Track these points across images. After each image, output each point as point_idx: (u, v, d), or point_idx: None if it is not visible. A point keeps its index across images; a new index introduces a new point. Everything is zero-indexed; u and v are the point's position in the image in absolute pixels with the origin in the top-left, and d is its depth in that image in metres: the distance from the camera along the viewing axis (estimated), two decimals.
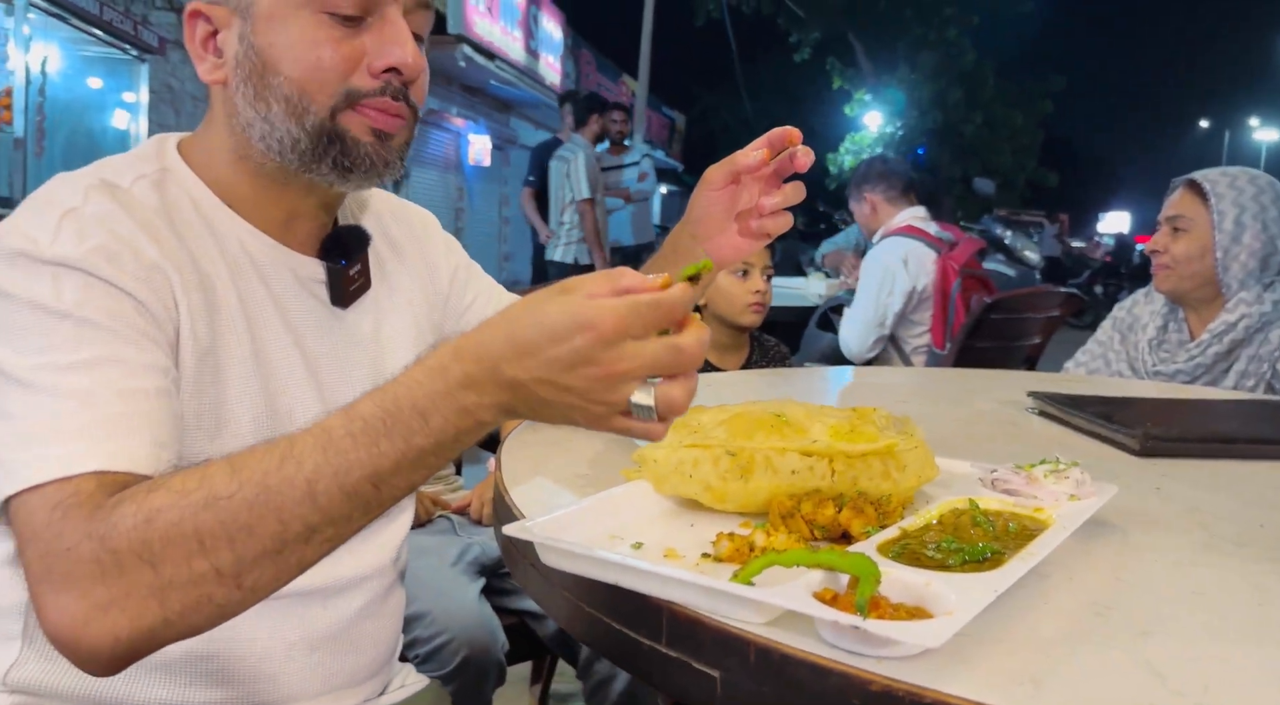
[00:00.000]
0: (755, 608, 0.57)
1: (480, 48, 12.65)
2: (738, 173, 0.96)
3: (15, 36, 5.13)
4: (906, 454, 0.80)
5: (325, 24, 0.77)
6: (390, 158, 0.82)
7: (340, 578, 0.87)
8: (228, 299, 0.80)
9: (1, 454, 0.65)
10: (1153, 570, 0.68)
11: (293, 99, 0.78)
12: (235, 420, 0.79)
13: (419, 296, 0.99)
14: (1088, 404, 1.16)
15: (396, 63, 0.78)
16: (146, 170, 0.81)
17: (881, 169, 3.20)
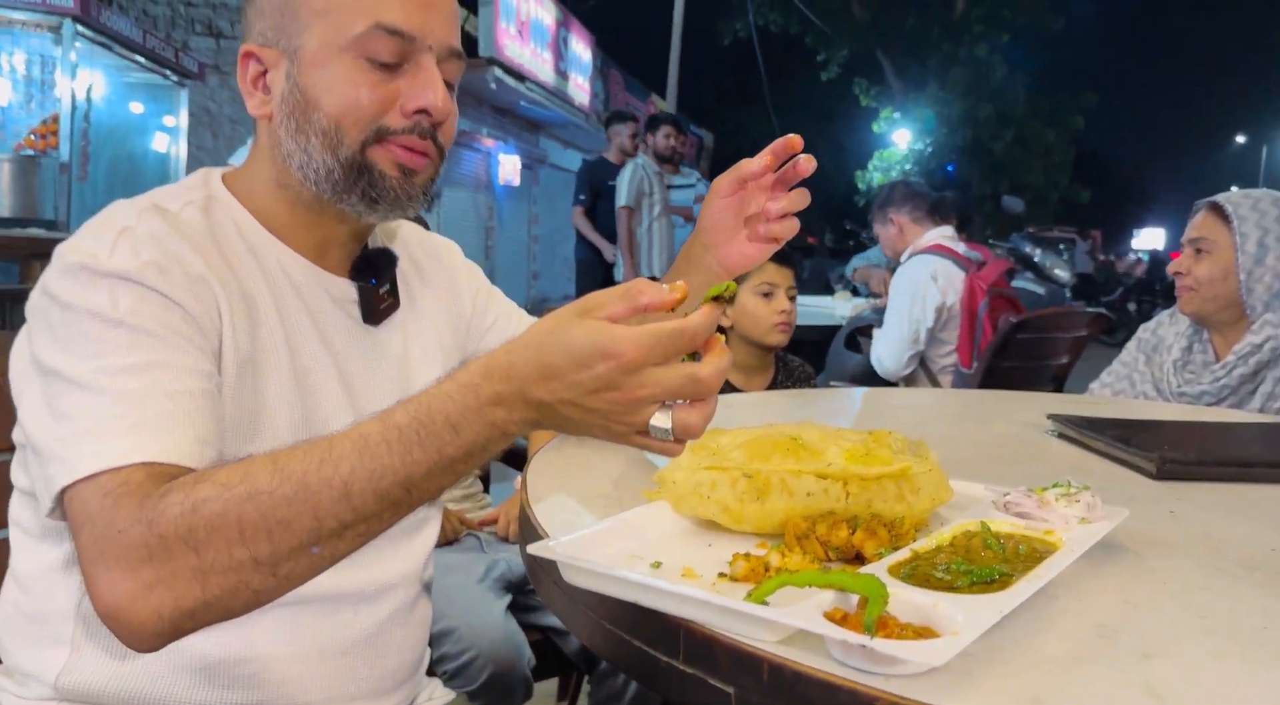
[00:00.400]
0: (768, 627, 0.59)
1: (510, 70, 12.81)
2: (743, 179, 1.03)
3: (62, 64, 5.29)
4: (920, 477, 0.82)
5: (364, 68, 0.84)
6: (413, 193, 0.88)
7: (371, 584, 0.91)
8: (268, 314, 0.86)
9: (60, 450, 0.71)
10: (1160, 593, 0.70)
11: (329, 132, 0.84)
12: (273, 424, 0.84)
13: (443, 318, 1.04)
14: (1106, 427, 1.17)
15: (427, 105, 0.85)
16: (194, 197, 0.88)
17: (905, 191, 3.23)
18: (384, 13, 0.83)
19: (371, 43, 0.83)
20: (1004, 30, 19.35)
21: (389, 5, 0.84)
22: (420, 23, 0.85)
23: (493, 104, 14.32)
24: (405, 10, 0.84)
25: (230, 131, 10.96)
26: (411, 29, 0.84)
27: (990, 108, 19.26)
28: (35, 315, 0.78)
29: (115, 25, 5.79)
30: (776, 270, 2.01)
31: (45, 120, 5.51)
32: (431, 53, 0.86)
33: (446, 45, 0.88)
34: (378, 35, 0.83)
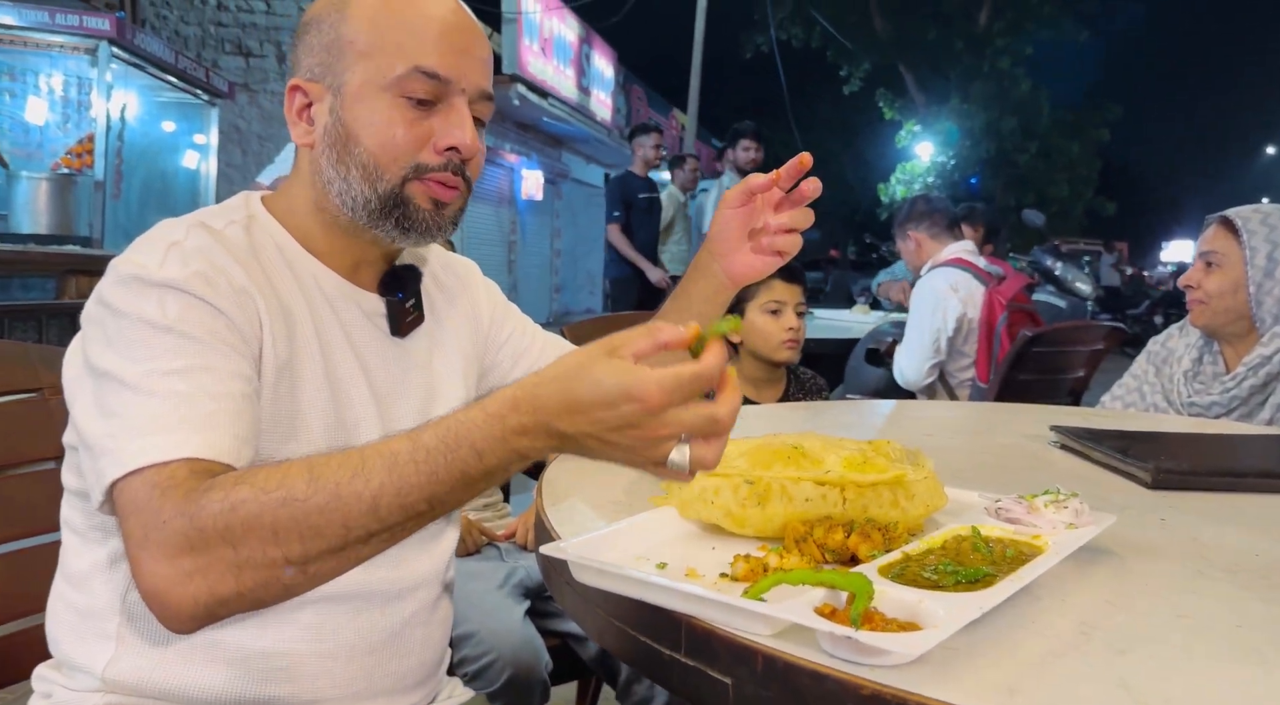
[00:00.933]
0: (763, 621, 0.63)
1: (533, 86, 12.96)
2: (752, 193, 1.08)
3: (98, 85, 5.43)
4: (915, 484, 0.85)
5: (402, 106, 0.91)
6: (443, 223, 0.95)
7: (396, 584, 0.96)
8: (304, 324, 0.92)
9: (110, 444, 0.77)
10: (1141, 595, 0.73)
11: (369, 167, 0.91)
12: (307, 427, 0.90)
13: (465, 332, 1.11)
14: (1106, 438, 1.20)
15: (457, 143, 0.92)
16: (236, 217, 0.94)
17: (924, 207, 3.24)
18: (423, 57, 0.90)
19: (410, 84, 0.90)
20: (1027, 43, 19.30)
21: (428, 50, 0.91)
22: (455, 66, 0.92)
23: (516, 120, 14.47)
24: (442, 55, 0.91)
25: (259, 148, 11.16)
26: (447, 73, 0.91)
27: (1014, 120, 19.19)
28: (90, 323, 0.84)
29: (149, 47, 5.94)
30: (785, 287, 2.05)
31: (81, 140, 5.66)
32: (464, 95, 0.93)
33: (478, 88, 0.94)
34: (416, 77, 0.90)
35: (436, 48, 0.91)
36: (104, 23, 5.51)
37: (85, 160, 5.41)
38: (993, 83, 19.22)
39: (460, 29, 0.94)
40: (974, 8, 19.42)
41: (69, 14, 5.56)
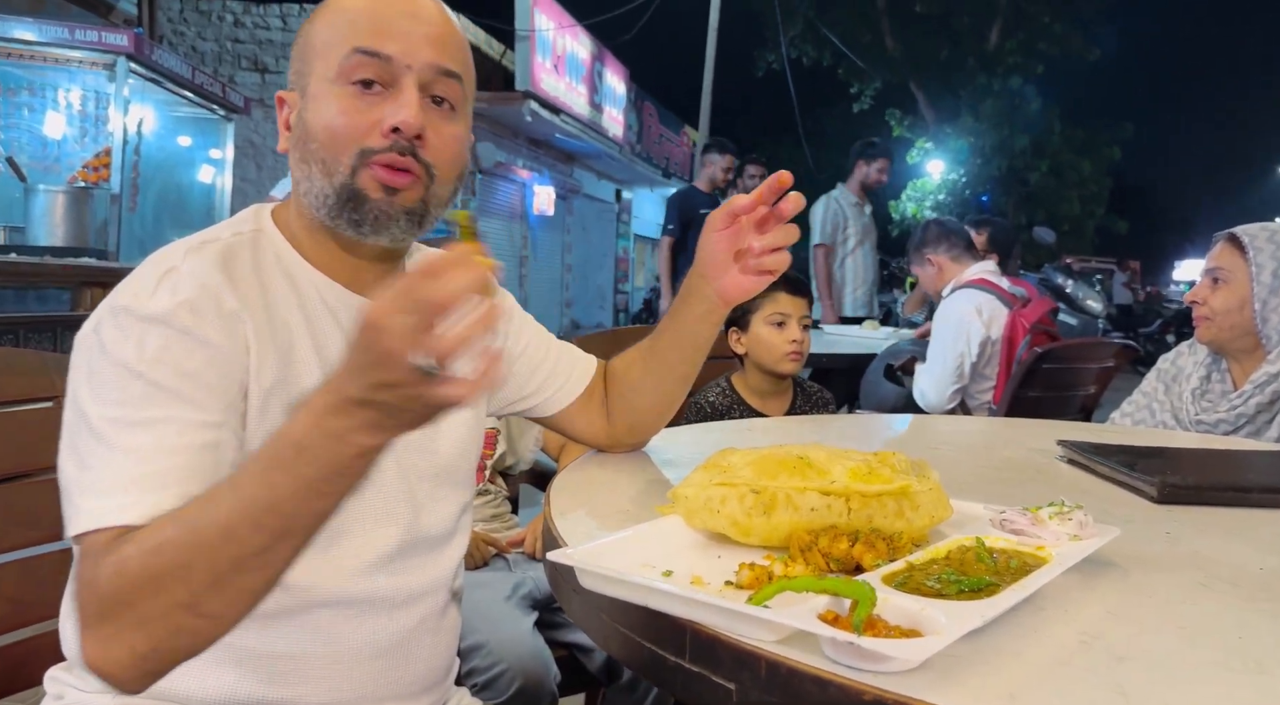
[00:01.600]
0: (767, 627, 0.64)
1: (546, 103, 13.05)
2: (735, 214, 1.07)
3: (116, 100, 5.50)
4: (920, 495, 0.86)
5: (349, 93, 0.90)
6: (395, 213, 0.91)
7: (402, 592, 0.97)
8: (302, 340, 0.91)
9: (74, 497, 0.78)
10: (1143, 606, 0.73)
11: (325, 160, 0.90)
12: None
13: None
14: (1113, 453, 1.21)
15: (398, 121, 0.89)
16: (243, 229, 0.95)
17: (940, 230, 3.20)
18: (361, 37, 0.90)
19: (352, 67, 0.89)
20: (1038, 61, 19.34)
21: (366, 29, 0.90)
22: (395, 42, 0.90)
23: (528, 136, 14.57)
24: (380, 33, 0.90)
25: (274, 163, 11.26)
26: (387, 50, 0.89)
27: (1025, 138, 19.20)
28: (81, 349, 0.85)
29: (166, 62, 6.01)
30: (790, 300, 2.06)
31: (98, 153, 5.73)
32: (411, 72, 0.90)
33: (429, 64, 0.91)
34: (356, 58, 0.89)
35: (374, 26, 0.90)
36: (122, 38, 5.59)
37: (102, 174, 5.47)
38: (1004, 101, 19.24)
39: (406, 14, 0.92)
40: (985, 26, 19.48)
41: (88, 30, 5.64)
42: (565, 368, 1.21)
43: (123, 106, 5.46)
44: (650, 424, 1.24)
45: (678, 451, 1.30)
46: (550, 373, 1.19)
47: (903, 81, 20.55)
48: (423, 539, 0.99)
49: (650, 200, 23.86)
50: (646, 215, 23.99)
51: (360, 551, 0.94)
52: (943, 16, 19.43)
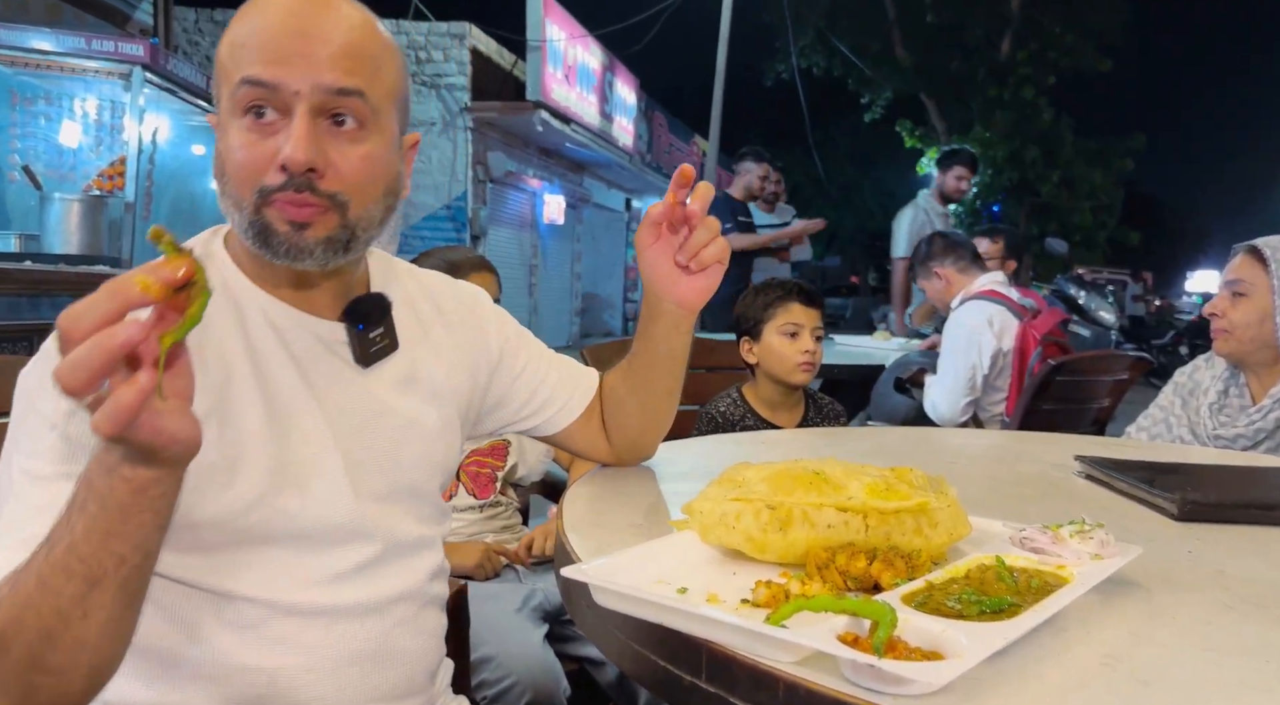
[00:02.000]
0: (785, 648, 0.63)
1: (557, 113, 13.08)
2: (657, 224, 1.06)
3: (131, 109, 5.53)
4: (939, 512, 0.85)
5: (246, 127, 0.85)
6: (307, 246, 0.87)
7: (371, 599, 0.94)
8: (240, 368, 0.89)
9: None
10: (1167, 627, 0.72)
11: (235, 196, 0.87)
12: (248, 471, 0.87)
13: (459, 362, 1.06)
14: (1131, 468, 1.19)
15: (282, 159, 0.84)
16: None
17: (945, 243, 3.18)
18: (248, 66, 0.85)
19: (242, 98, 0.85)
20: (1050, 72, 19.30)
21: (253, 55, 0.85)
22: (279, 70, 0.84)
23: (539, 145, 14.61)
24: (266, 60, 0.84)
25: None
26: (272, 77, 0.84)
27: (1036, 149, 19.14)
28: (19, 390, 0.84)
29: (181, 72, 6.05)
30: (803, 311, 2.05)
31: (113, 162, 5.76)
32: (300, 98, 0.84)
33: (320, 86, 0.85)
34: (245, 89, 0.85)
35: (261, 53, 0.85)
36: (138, 48, 5.62)
37: (116, 182, 5.50)
38: (1015, 112, 19.19)
39: (293, 32, 0.85)
40: (996, 37, 19.45)
41: (104, 40, 5.68)
42: (567, 387, 1.18)
43: (138, 116, 5.49)
44: (646, 441, 1.23)
45: (690, 463, 1.29)
46: (551, 393, 1.17)
47: (913, 92, 20.53)
48: (388, 551, 0.96)
49: None
50: None
51: (322, 566, 0.92)
52: (954, 27, 19.42)
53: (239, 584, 0.88)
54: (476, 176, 12.72)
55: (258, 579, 0.89)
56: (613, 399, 1.19)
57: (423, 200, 12.44)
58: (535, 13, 12.53)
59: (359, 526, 0.94)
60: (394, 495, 0.98)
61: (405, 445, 0.99)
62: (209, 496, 0.85)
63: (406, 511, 0.99)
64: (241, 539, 0.88)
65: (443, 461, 1.05)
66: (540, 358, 1.18)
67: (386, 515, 0.96)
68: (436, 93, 12.34)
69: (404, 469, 0.99)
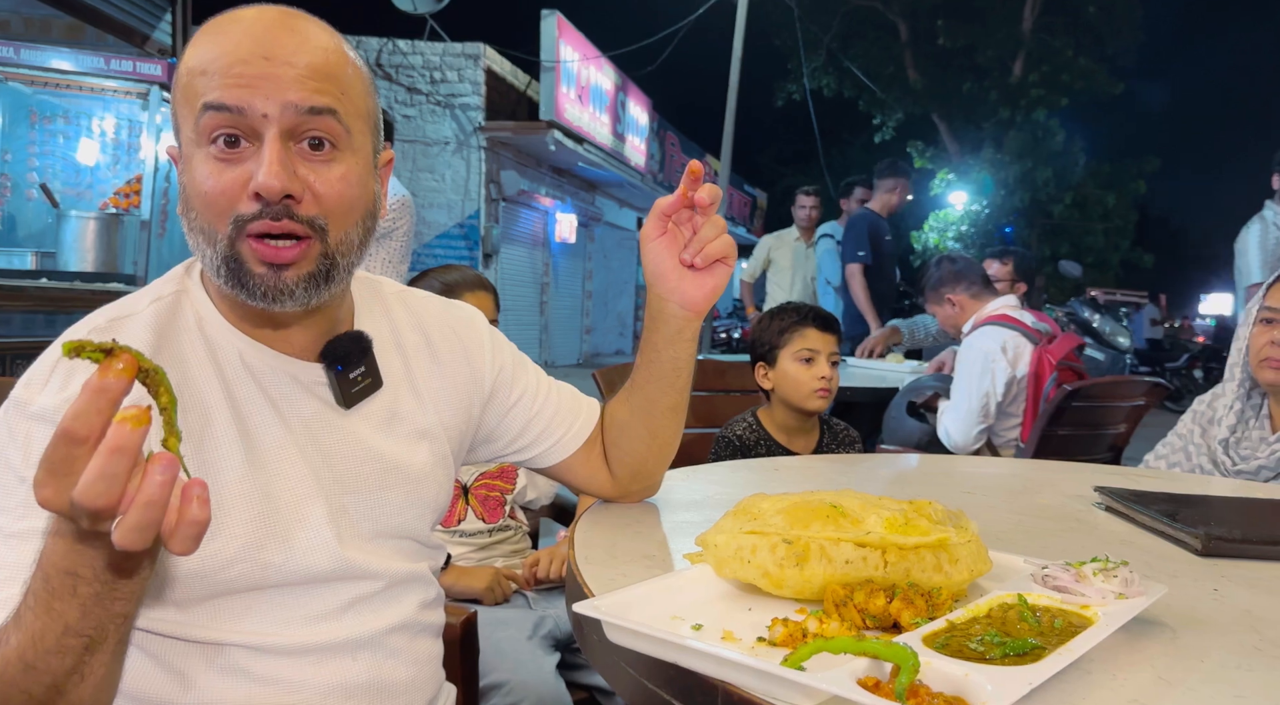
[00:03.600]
0: (803, 691, 0.62)
1: (569, 132, 13.15)
2: (665, 215, 1.00)
3: (148, 128, 5.58)
4: (959, 548, 0.83)
5: (213, 156, 0.82)
6: (286, 287, 0.83)
7: (359, 633, 0.92)
8: (219, 414, 0.86)
9: None
10: (1195, 671, 0.70)
11: (204, 230, 0.83)
12: (229, 522, 0.84)
13: (448, 397, 1.03)
14: (1153, 501, 1.17)
15: (257, 186, 0.81)
16: (165, 292, 0.90)
17: (954, 268, 3.14)
18: (210, 91, 0.81)
19: (207, 126, 0.81)
20: (1062, 94, 19.31)
21: (216, 79, 0.81)
22: (247, 93, 0.80)
23: (551, 164, 14.68)
24: (230, 82, 0.80)
25: None
26: (236, 101, 0.80)
27: (1048, 171, 19.13)
28: None
29: None
30: (819, 336, 2.03)
31: (129, 180, 5.80)
32: (270, 121, 0.81)
33: (289, 107, 0.81)
34: (208, 116, 0.81)
35: (223, 77, 0.80)
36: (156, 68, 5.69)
37: (133, 200, 5.54)
38: (1027, 133, 19.20)
39: (257, 54, 0.81)
40: (1008, 59, 19.49)
41: (123, 59, 5.75)
42: (565, 419, 1.13)
43: (155, 134, 5.53)
44: (650, 469, 1.16)
45: (703, 491, 1.28)
46: (546, 426, 1.12)
47: (925, 113, 20.57)
48: (376, 588, 0.94)
49: None
50: None
51: (309, 607, 0.90)
52: (966, 49, 19.47)
53: (227, 633, 0.87)
54: (489, 195, 12.78)
55: (245, 627, 0.87)
56: (614, 425, 1.13)
57: (436, 219, 12.50)
58: (549, 34, 12.63)
59: (345, 571, 0.91)
60: (380, 538, 0.95)
61: (391, 488, 0.96)
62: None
63: (395, 551, 0.97)
64: (225, 590, 0.86)
65: (433, 500, 1.01)
66: (536, 388, 1.13)
67: (373, 557, 0.94)
68: (450, 112, 12.43)
69: (391, 512, 0.96)
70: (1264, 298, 1.72)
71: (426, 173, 12.54)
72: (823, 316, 2.06)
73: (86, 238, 4.70)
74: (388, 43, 12.14)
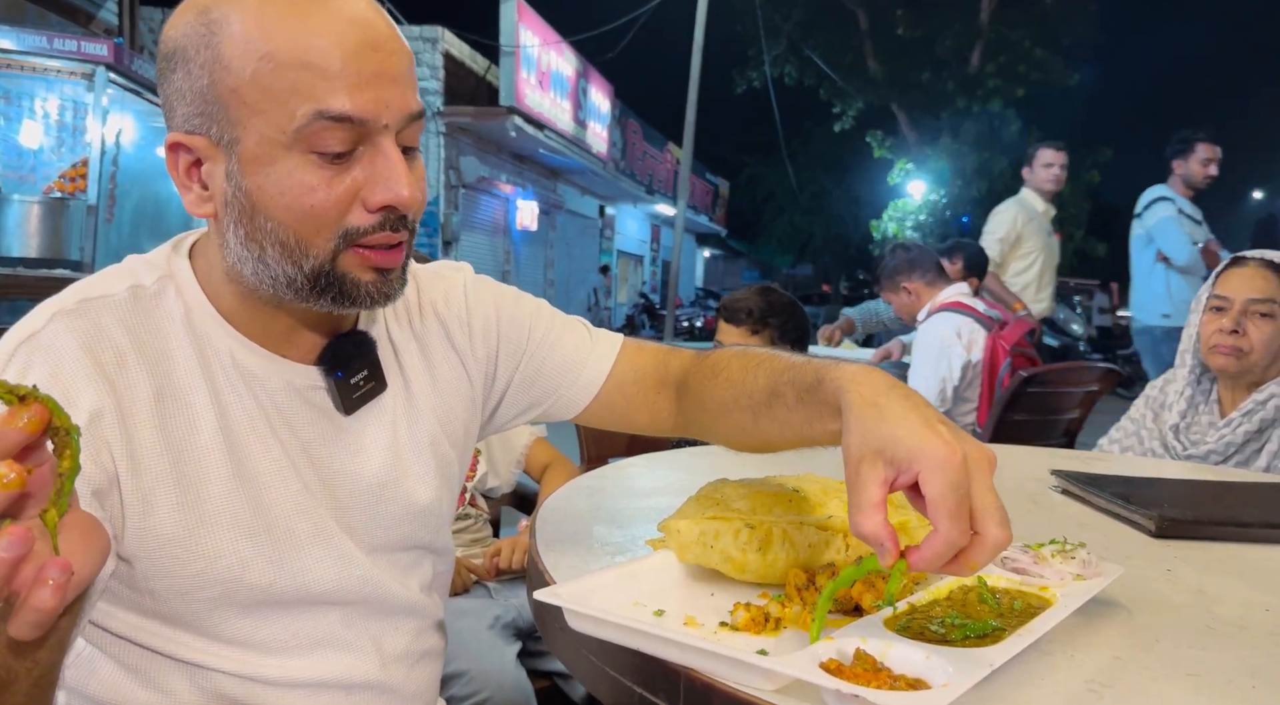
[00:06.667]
0: (766, 676, 0.61)
1: (530, 118, 13.05)
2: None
3: (94, 110, 5.44)
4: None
5: (314, 164, 0.73)
6: (392, 290, 0.80)
7: (357, 670, 0.87)
8: (205, 421, 0.79)
9: None
10: (1152, 651, 0.71)
11: (289, 244, 0.75)
12: (211, 542, 0.78)
13: (447, 391, 0.94)
14: (1108, 484, 1.19)
15: (393, 201, 0.75)
16: (148, 279, 0.81)
17: (908, 257, 3.18)
18: (326, 99, 0.71)
19: (317, 136, 0.72)
20: (1019, 85, 19.56)
21: (331, 88, 0.71)
22: (371, 101, 0.73)
23: (512, 151, 14.57)
24: (352, 90, 0.72)
25: None
26: (361, 112, 0.72)
27: (1005, 160, 19.40)
28: None
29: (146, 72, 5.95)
30: (726, 328, 2.14)
31: (75, 164, 5.65)
32: (389, 130, 0.75)
33: (404, 114, 0.76)
34: (322, 125, 0.72)
35: (343, 81, 0.72)
36: (102, 48, 5.53)
37: (79, 184, 5.40)
38: (983, 123, 19.44)
39: (368, 45, 0.73)
40: (966, 50, 19.70)
41: (67, 39, 5.58)
42: (569, 367, 0.99)
43: (101, 116, 5.40)
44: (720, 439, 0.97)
45: (666, 477, 1.27)
46: (550, 378, 0.99)
47: (884, 103, 20.73)
48: (373, 613, 0.89)
49: (634, 216, 23.90)
50: (629, 231, 24.02)
51: (301, 633, 0.84)
52: (924, 40, 19.64)
53: (214, 658, 0.81)
54: (449, 182, 12.66)
55: (230, 653, 0.81)
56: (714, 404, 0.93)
57: None
58: (509, 18, 12.51)
59: (337, 594, 0.85)
60: (377, 553, 0.88)
61: (390, 500, 0.88)
62: (164, 568, 0.77)
63: (393, 568, 0.90)
64: (208, 609, 0.80)
65: (435, 507, 0.93)
66: (528, 341, 1.00)
67: (369, 578, 0.87)
68: None
69: (389, 525, 0.89)
70: (1213, 286, 1.75)
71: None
72: (727, 307, 2.17)
73: (30, 222, 4.58)
74: None
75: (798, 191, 27.80)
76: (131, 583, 0.78)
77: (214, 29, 0.73)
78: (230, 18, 0.72)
